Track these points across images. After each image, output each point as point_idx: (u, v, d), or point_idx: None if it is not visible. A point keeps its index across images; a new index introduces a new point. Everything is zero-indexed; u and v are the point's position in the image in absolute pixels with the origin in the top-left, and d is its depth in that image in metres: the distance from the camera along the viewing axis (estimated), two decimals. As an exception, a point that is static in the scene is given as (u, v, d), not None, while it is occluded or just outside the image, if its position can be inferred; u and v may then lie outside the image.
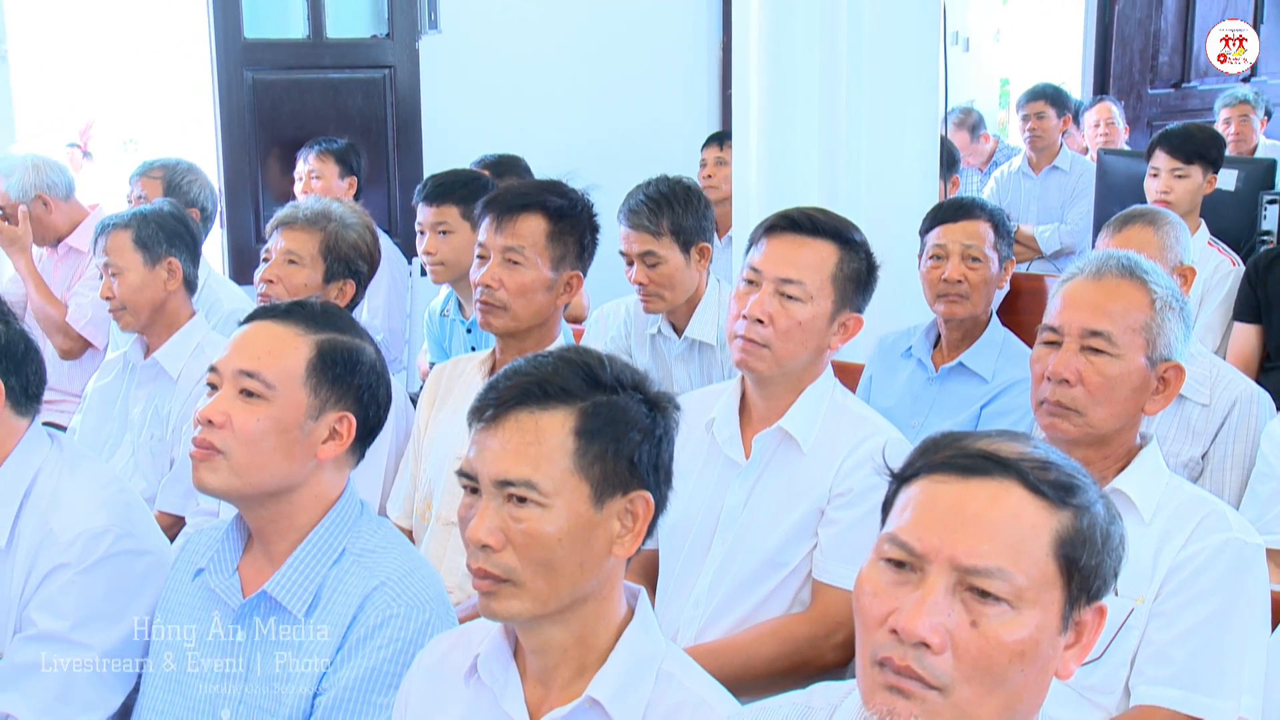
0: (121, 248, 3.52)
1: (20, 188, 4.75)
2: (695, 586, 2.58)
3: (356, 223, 3.48)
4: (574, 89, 6.52)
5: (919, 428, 3.41)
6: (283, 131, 5.98)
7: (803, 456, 2.52)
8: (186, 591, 2.16)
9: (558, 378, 1.68)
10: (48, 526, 2.19)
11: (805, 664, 2.47)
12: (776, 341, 2.49)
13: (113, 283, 3.52)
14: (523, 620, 1.68)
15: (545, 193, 2.96)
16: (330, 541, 2.08)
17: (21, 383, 2.25)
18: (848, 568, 2.44)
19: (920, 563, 1.38)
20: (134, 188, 4.80)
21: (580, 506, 1.66)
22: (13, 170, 4.79)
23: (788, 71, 4.04)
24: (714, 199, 5.21)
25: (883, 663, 1.37)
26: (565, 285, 2.93)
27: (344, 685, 1.98)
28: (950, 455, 1.42)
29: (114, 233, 3.54)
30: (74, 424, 3.79)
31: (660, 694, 1.68)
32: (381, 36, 6.19)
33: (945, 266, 3.49)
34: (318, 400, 2.08)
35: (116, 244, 3.53)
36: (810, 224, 2.54)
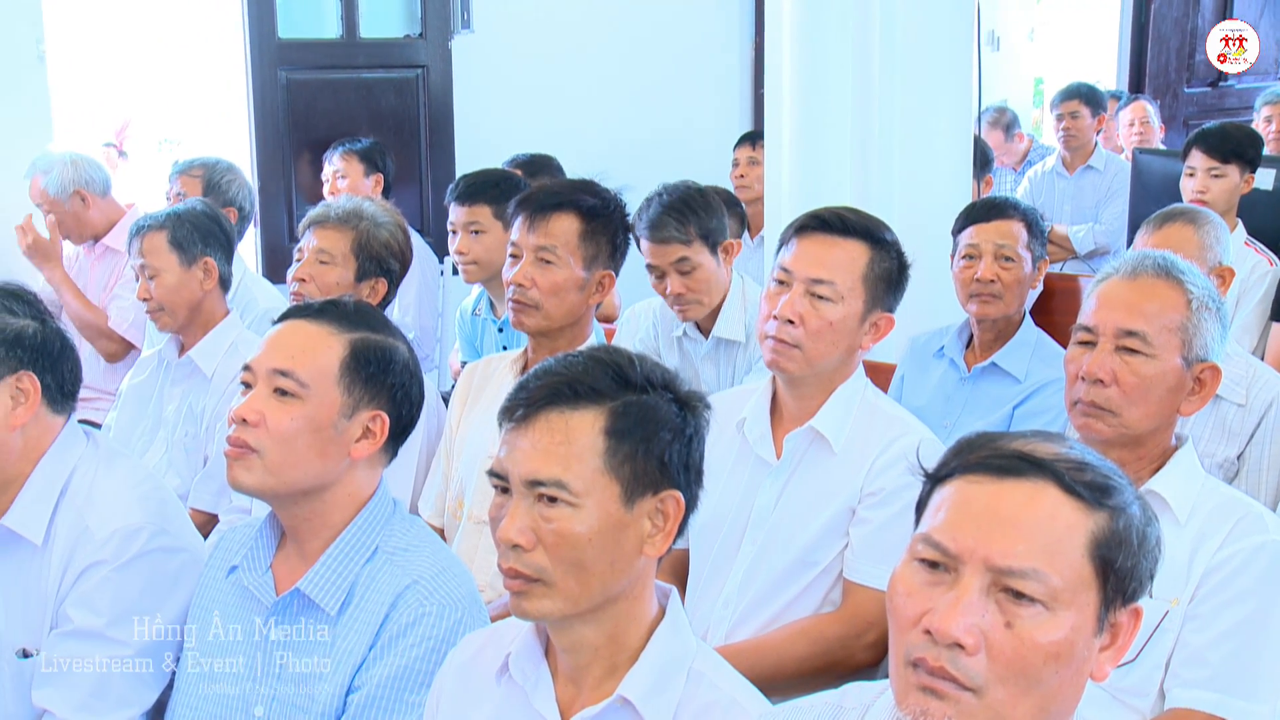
0: (157, 249, 3.54)
1: (59, 183, 4.79)
2: (726, 586, 2.58)
3: (388, 221, 3.49)
4: (607, 88, 6.53)
5: (951, 428, 3.40)
6: (316, 131, 6.01)
7: (834, 456, 2.52)
8: (220, 589, 2.17)
9: (588, 377, 1.69)
10: (83, 524, 2.21)
11: (836, 664, 2.46)
12: (807, 342, 2.49)
13: (149, 284, 3.54)
14: (554, 620, 1.69)
15: (578, 192, 2.96)
16: (363, 540, 2.08)
17: (58, 380, 2.26)
18: (879, 567, 2.43)
19: (954, 563, 1.37)
20: (173, 185, 4.83)
21: (611, 506, 1.66)
22: (51, 166, 4.83)
23: (820, 71, 4.03)
24: (746, 199, 5.22)
25: (916, 663, 1.37)
26: (597, 285, 2.93)
27: (376, 683, 1.99)
28: (985, 456, 1.41)
29: (149, 234, 3.56)
30: (109, 421, 3.81)
31: (691, 693, 1.68)
32: (414, 36, 6.21)
33: (978, 266, 3.48)
34: (351, 399, 2.09)
35: (152, 245, 3.54)
36: (841, 224, 2.53)
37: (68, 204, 4.82)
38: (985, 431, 1.48)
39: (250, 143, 6.04)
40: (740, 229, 4.52)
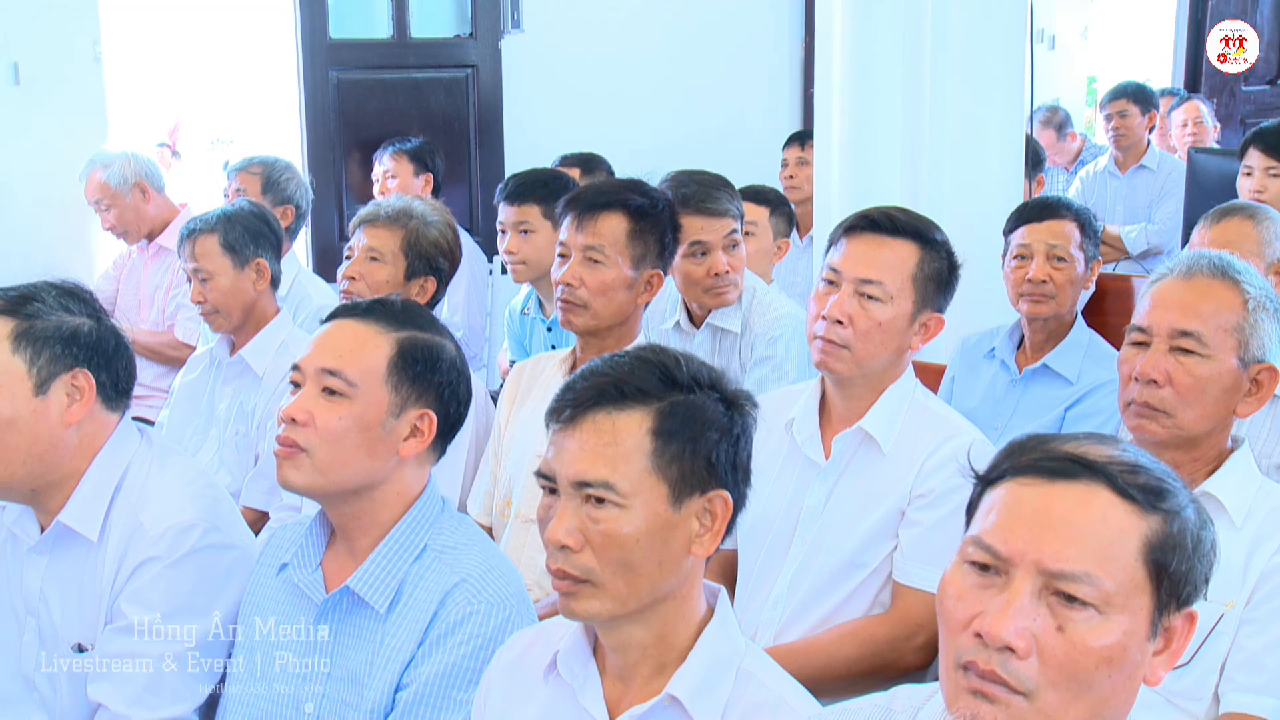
0: (210, 252, 3.57)
1: (120, 175, 4.85)
2: (775, 587, 2.57)
3: (438, 220, 3.50)
4: (656, 88, 6.53)
5: (1001, 430, 3.38)
6: (366, 130, 6.05)
7: (883, 457, 2.51)
8: (271, 586, 2.19)
9: (634, 378, 1.69)
10: (137, 520, 2.23)
11: (885, 666, 2.45)
12: (856, 342, 2.48)
13: (203, 287, 3.57)
14: (602, 620, 1.69)
15: (626, 191, 2.96)
16: (412, 538, 2.09)
17: (112, 378, 2.29)
18: (928, 569, 2.42)
19: (1005, 566, 1.36)
20: (231, 182, 4.87)
21: (658, 506, 1.66)
22: (111, 161, 4.90)
23: (870, 70, 4.02)
24: (795, 199, 5.21)
25: (967, 666, 1.36)
26: (646, 284, 2.93)
27: (424, 680, 2.00)
28: (1037, 458, 1.40)
29: (201, 237, 3.58)
30: (161, 419, 3.85)
31: (740, 693, 1.68)
32: (465, 36, 6.24)
33: (1029, 266, 3.45)
34: (399, 398, 2.09)
35: (205, 249, 3.57)
36: (890, 223, 2.52)
37: (128, 196, 4.87)
38: (1037, 433, 1.47)
39: (301, 142, 6.09)
40: (789, 229, 4.50)
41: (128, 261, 5.11)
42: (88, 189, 4.93)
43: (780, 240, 4.41)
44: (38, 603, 2.29)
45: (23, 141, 5.25)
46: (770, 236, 4.37)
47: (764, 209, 4.37)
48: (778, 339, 3.56)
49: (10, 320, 2.21)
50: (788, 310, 3.64)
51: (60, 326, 2.23)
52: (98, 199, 4.91)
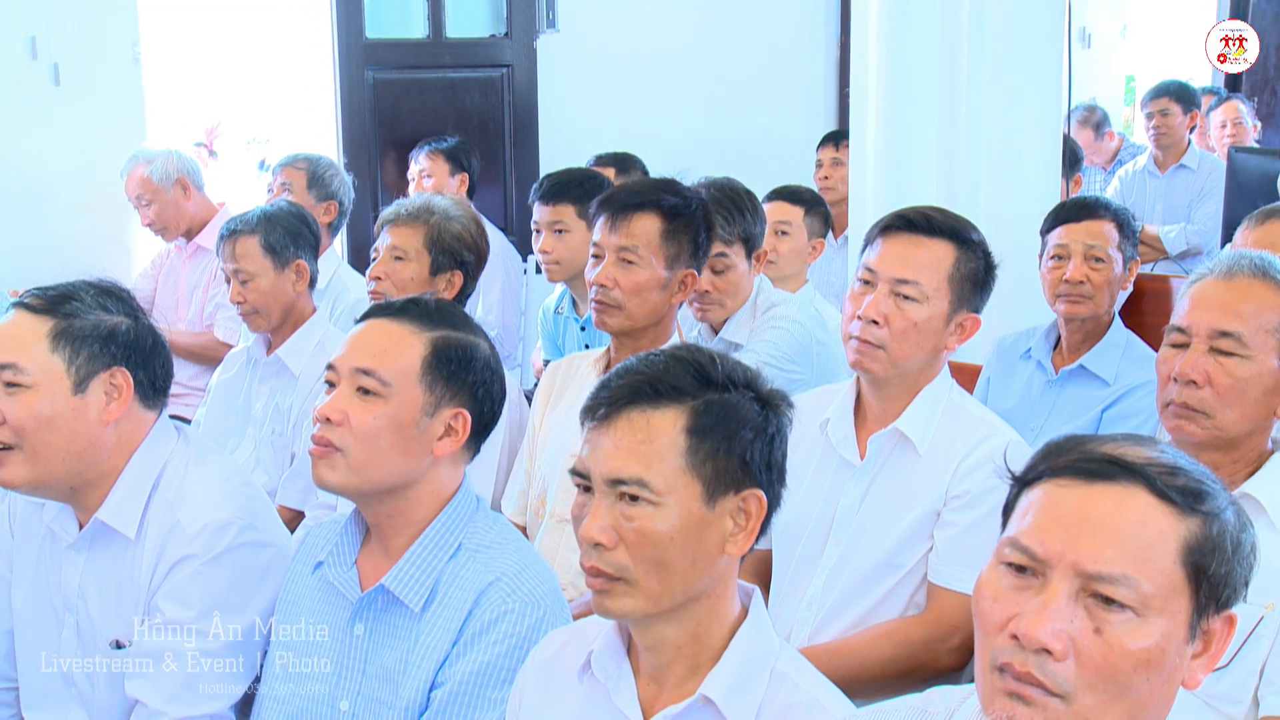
0: (251, 253, 3.59)
1: (163, 170, 4.90)
2: (809, 587, 2.57)
3: (461, 214, 3.50)
4: (691, 88, 6.53)
5: (1038, 431, 3.36)
6: (401, 130, 6.07)
7: (919, 458, 2.50)
8: (306, 584, 2.20)
9: (669, 376, 1.69)
10: (175, 518, 2.25)
11: (920, 667, 2.45)
12: (892, 343, 2.47)
13: (243, 288, 3.58)
14: (636, 618, 1.69)
15: (660, 191, 2.96)
16: (447, 536, 2.10)
17: (149, 376, 2.30)
18: (964, 571, 2.42)
19: (1042, 568, 1.36)
20: (276, 177, 4.90)
21: (692, 505, 1.66)
22: (154, 157, 4.95)
23: (906, 69, 4.00)
24: (830, 199, 5.19)
25: (1003, 668, 1.35)
26: (680, 284, 2.93)
27: (459, 679, 2.01)
28: (1074, 459, 1.40)
29: (242, 238, 3.60)
30: (198, 417, 3.87)
31: (774, 693, 1.68)
32: (500, 36, 6.26)
33: (1067, 267, 3.44)
34: (433, 397, 2.10)
35: (245, 249, 3.59)
36: (926, 223, 2.51)
37: (169, 192, 4.92)
38: (1074, 434, 1.46)
39: (337, 142, 6.13)
40: (825, 229, 4.49)
41: (166, 261, 5.15)
42: (129, 184, 4.97)
43: (815, 240, 4.39)
44: (76, 599, 2.31)
45: (62, 141, 5.30)
46: (805, 236, 4.35)
47: (798, 209, 4.36)
48: (772, 341, 3.50)
49: (49, 319, 2.23)
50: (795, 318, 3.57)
51: (98, 325, 2.25)
52: (139, 194, 4.94)
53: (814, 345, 3.53)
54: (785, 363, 3.40)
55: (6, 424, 2.18)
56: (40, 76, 5.26)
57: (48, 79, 5.26)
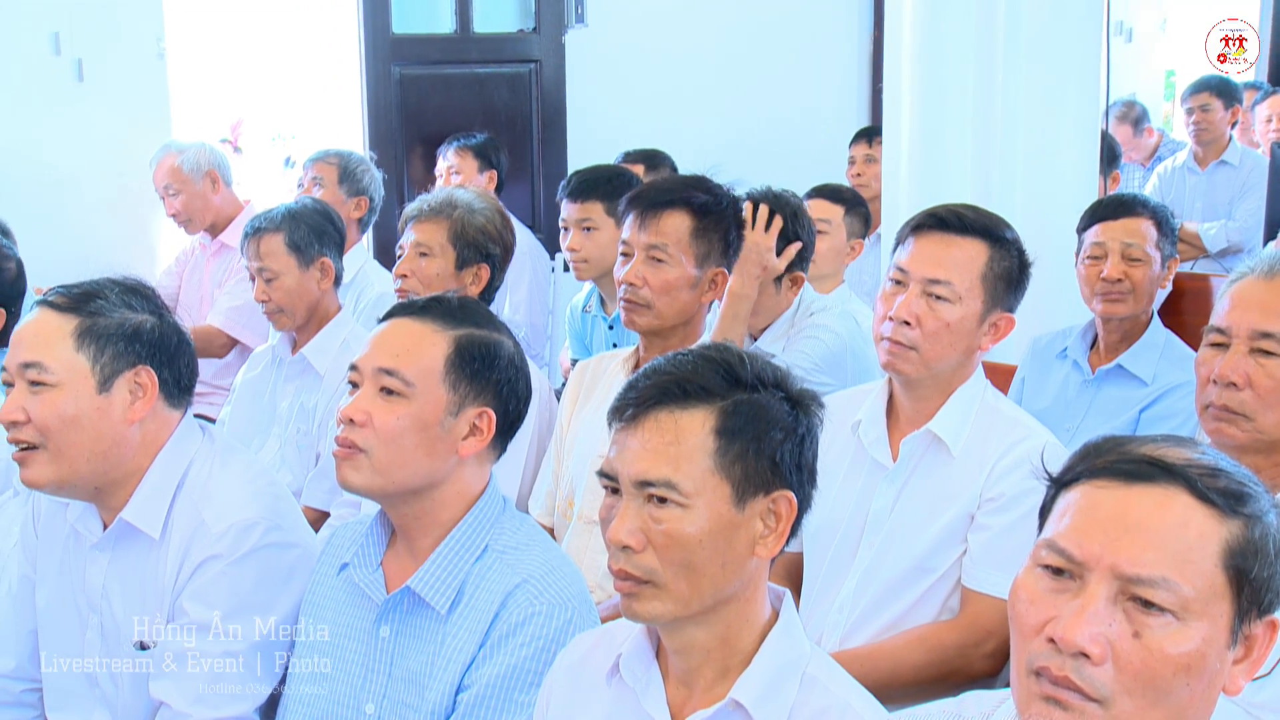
0: (275, 251, 3.60)
1: (194, 161, 4.93)
2: (840, 591, 2.57)
3: (485, 207, 3.50)
4: (721, 83, 6.52)
5: (1073, 432, 3.35)
6: (428, 126, 6.08)
7: (952, 460, 2.50)
8: (331, 586, 2.20)
9: (697, 376, 1.69)
10: (200, 517, 2.26)
11: (954, 673, 2.44)
12: (924, 343, 2.47)
13: (267, 287, 3.60)
14: (665, 622, 1.69)
15: (690, 189, 2.96)
16: (473, 538, 2.10)
17: (174, 375, 2.32)
18: (999, 574, 2.41)
19: (1080, 570, 1.35)
20: (308, 171, 4.92)
21: (721, 507, 1.66)
22: (186, 148, 4.99)
23: (941, 64, 3.99)
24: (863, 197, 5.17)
25: (1039, 672, 1.35)
26: (710, 283, 2.93)
27: (486, 682, 2.01)
28: (1113, 460, 1.39)
29: (266, 236, 3.61)
30: (223, 416, 3.89)
31: (805, 698, 1.67)
32: (528, 31, 6.26)
33: (1104, 265, 3.43)
34: (457, 396, 2.10)
35: (270, 248, 3.60)
36: (959, 222, 2.51)
37: (198, 184, 4.95)
38: (1112, 435, 1.46)
39: (363, 138, 6.14)
40: (864, 229, 4.49)
41: (190, 258, 5.18)
42: (158, 172, 5.00)
43: (854, 241, 4.39)
44: (100, 600, 2.32)
45: (87, 138, 5.34)
46: (843, 235, 4.35)
47: (838, 207, 4.36)
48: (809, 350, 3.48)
49: (74, 318, 2.24)
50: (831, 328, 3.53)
51: (123, 324, 2.26)
52: (167, 183, 4.97)
53: (848, 356, 3.51)
54: (814, 373, 3.38)
55: (31, 423, 2.20)
56: (64, 72, 5.29)
57: (71, 75, 5.30)
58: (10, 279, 3.05)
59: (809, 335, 3.48)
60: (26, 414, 2.20)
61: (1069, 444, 2.66)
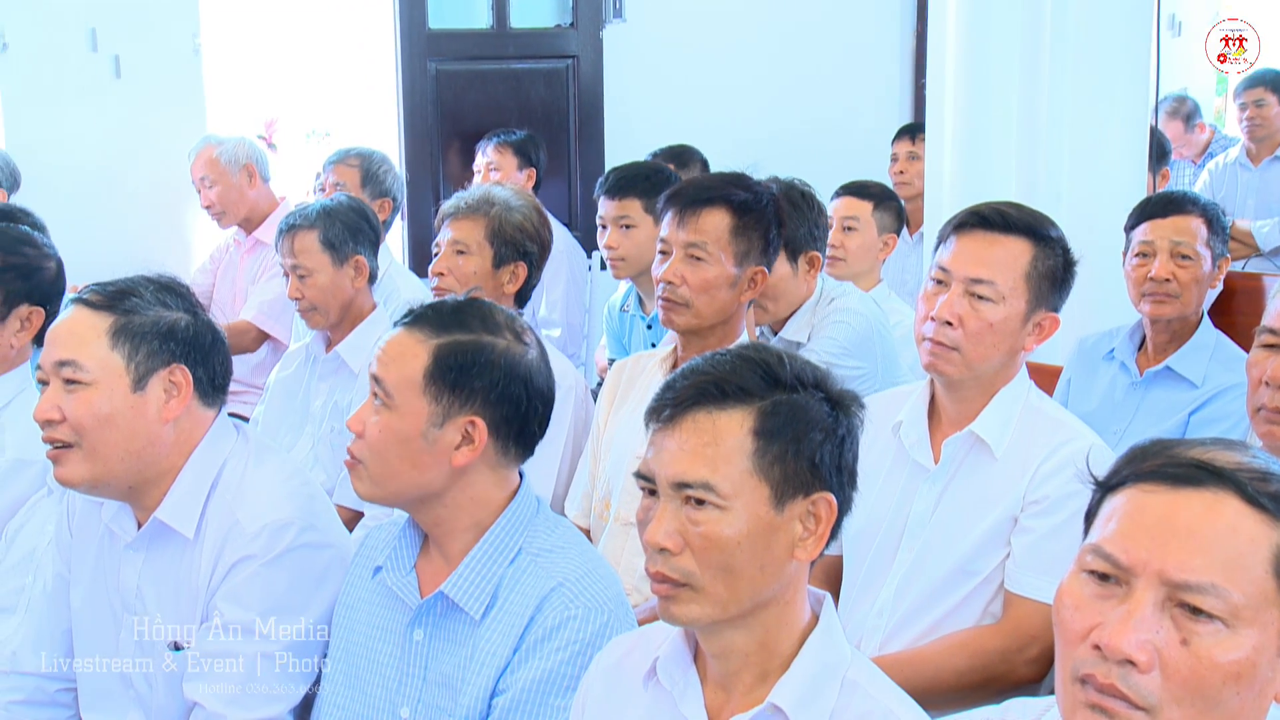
0: (309, 249, 3.62)
1: (233, 154, 4.97)
2: (880, 594, 2.56)
3: (522, 204, 3.49)
4: (761, 79, 6.51)
5: (1120, 435, 3.33)
6: (464, 122, 6.10)
7: (995, 462, 2.49)
8: (365, 588, 2.21)
9: (735, 376, 1.68)
10: (234, 517, 2.27)
11: (996, 678, 2.43)
12: (966, 344, 2.46)
13: (301, 284, 3.62)
14: (702, 625, 1.69)
15: (729, 186, 2.95)
16: (506, 541, 2.10)
17: (209, 373, 2.33)
18: (1042, 579, 2.40)
19: (1126, 576, 1.34)
20: (328, 175, 4.92)
21: (760, 508, 1.66)
22: (224, 141, 5.03)
23: (986, 59, 3.98)
24: (905, 195, 5.17)
25: (1085, 680, 1.34)
26: (750, 281, 2.92)
27: (521, 687, 2.01)
28: (1161, 464, 1.38)
29: (300, 233, 3.63)
30: (256, 415, 3.92)
31: (845, 703, 1.67)
32: (565, 26, 6.27)
33: (1152, 264, 3.40)
34: (440, 407, 2.07)
35: (304, 245, 3.62)
36: (1002, 220, 2.50)
37: (235, 176, 4.98)
38: (1160, 438, 1.45)
39: (399, 134, 6.17)
40: (898, 225, 4.47)
41: (224, 255, 5.22)
42: (195, 163, 5.04)
43: (887, 236, 4.37)
44: (134, 600, 2.34)
45: (122, 134, 5.39)
46: (874, 232, 4.33)
47: (866, 203, 4.34)
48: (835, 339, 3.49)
49: (109, 315, 2.26)
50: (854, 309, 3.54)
51: (158, 322, 2.28)
52: (204, 175, 5.00)
53: (875, 337, 3.51)
54: (845, 358, 3.38)
55: (66, 422, 2.22)
56: (101, 68, 5.35)
57: (108, 71, 5.35)
58: (50, 278, 3.07)
59: (834, 321, 3.48)
60: (61, 412, 2.22)
61: (1115, 448, 2.64)
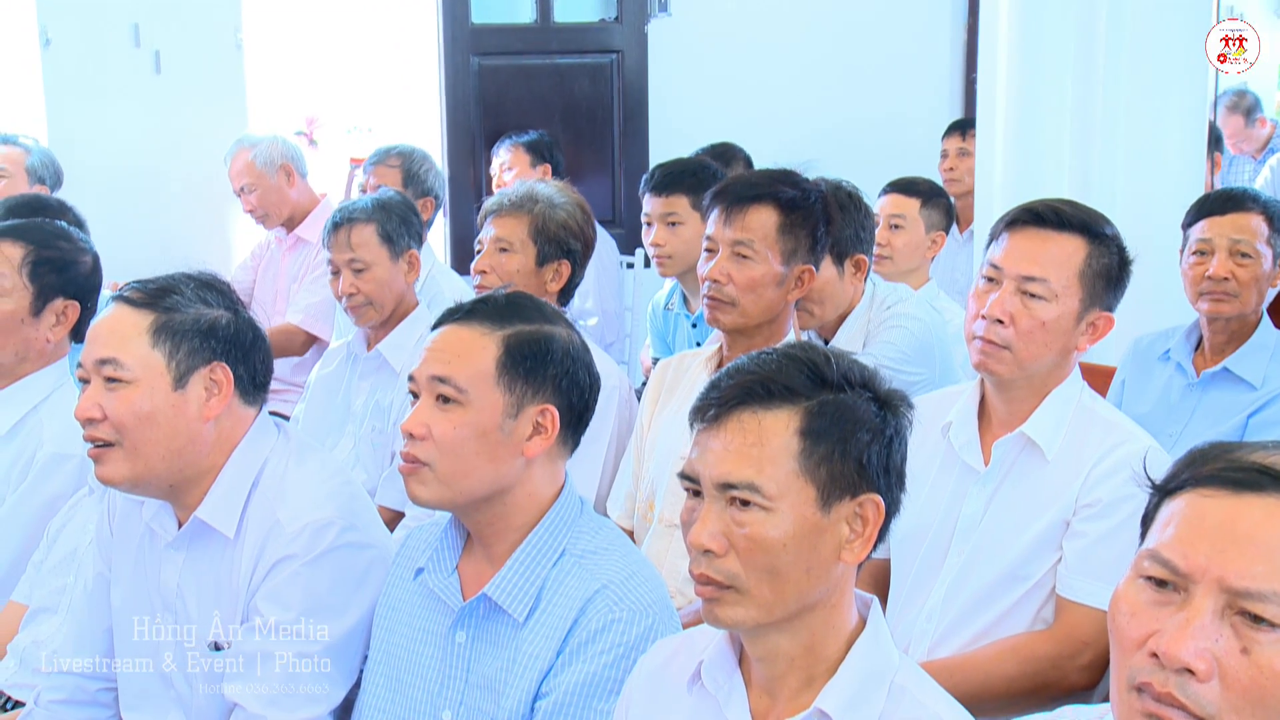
0: (368, 242, 3.63)
1: (267, 155, 4.99)
2: (929, 598, 2.56)
3: (566, 201, 3.50)
4: (808, 73, 6.49)
5: (1176, 437, 3.31)
6: (507, 118, 6.11)
7: (1047, 464, 2.47)
8: (407, 590, 2.22)
9: (781, 376, 1.68)
10: (275, 517, 2.28)
11: (1048, 685, 2.42)
12: (1018, 343, 2.45)
13: (357, 278, 3.63)
14: (747, 628, 1.69)
15: (776, 183, 2.95)
16: (550, 542, 2.11)
17: (250, 371, 2.34)
18: (1095, 584, 2.38)
19: (1185, 582, 1.33)
20: (369, 175, 4.94)
21: (806, 510, 1.65)
22: (258, 142, 5.05)
23: (1040, 52, 3.96)
24: (955, 192, 5.15)
25: (1141, 688, 1.33)
26: (797, 280, 2.92)
27: (564, 690, 2.01)
28: (1220, 467, 1.37)
29: (358, 226, 3.64)
30: (296, 413, 3.93)
31: (893, 708, 1.66)
32: (610, 20, 6.28)
33: (1210, 262, 3.38)
34: (513, 397, 2.10)
35: (362, 238, 3.63)
36: (1055, 217, 2.48)
37: (273, 178, 5.00)
38: (1219, 441, 1.43)
39: (441, 131, 6.19)
40: (947, 223, 4.45)
41: (265, 252, 5.24)
42: (232, 169, 5.06)
43: (935, 234, 4.35)
44: (175, 599, 2.35)
45: (163, 130, 5.45)
46: (921, 230, 4.32)
47: (914, 200, 4.33)
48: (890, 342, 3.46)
49: (150, 313, 2.28)
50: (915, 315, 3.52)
51: (199, 319, 2.29)
52: (242, 183, 5.03)
53: (935, 343, 3.50)
54: (904, 364, 3.37)
55: (107, 420, 2.24)
56: (142, 64, 5.40)
57: (149, 67, 5.41)
58: (85, 272, 3.11)
59: (893, 326, 3.47)
60: (102, 411, 2.24)
61: (1171, 451, 2.62)
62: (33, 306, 3.02)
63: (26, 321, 3.02)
